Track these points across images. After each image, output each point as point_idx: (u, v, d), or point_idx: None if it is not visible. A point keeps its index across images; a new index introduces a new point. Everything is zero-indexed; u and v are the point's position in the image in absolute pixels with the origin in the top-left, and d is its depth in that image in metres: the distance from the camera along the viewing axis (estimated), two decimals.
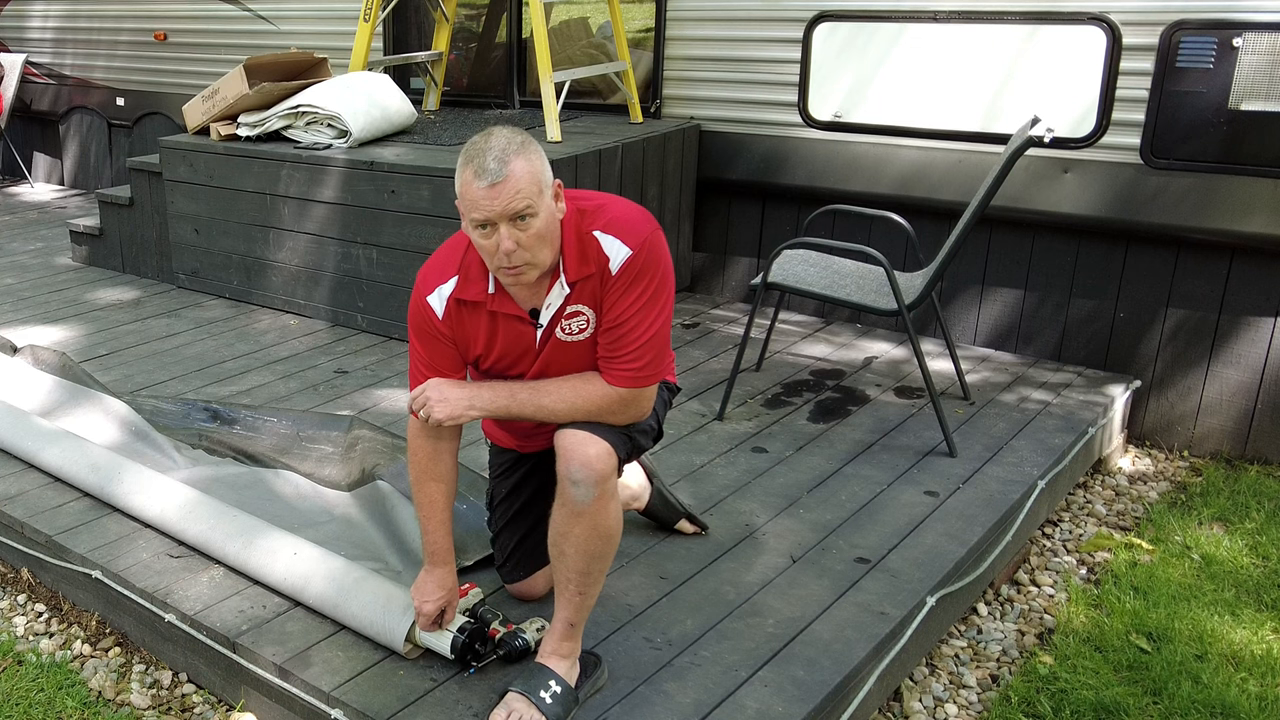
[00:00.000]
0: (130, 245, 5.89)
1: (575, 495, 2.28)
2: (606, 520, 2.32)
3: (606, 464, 2.28)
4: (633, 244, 2.28)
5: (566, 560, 2.36)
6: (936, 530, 3.22)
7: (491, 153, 2.17)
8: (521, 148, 2.19)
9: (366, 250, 4.78)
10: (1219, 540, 3.66)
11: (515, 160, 2.17)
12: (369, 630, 2.65)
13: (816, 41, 4.82)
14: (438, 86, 5.98)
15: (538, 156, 2.22)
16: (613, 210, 2.34)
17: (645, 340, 2.30)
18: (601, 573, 2.39)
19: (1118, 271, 4.42)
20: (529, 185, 2.17)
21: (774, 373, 4.44)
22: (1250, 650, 3.06)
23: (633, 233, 2.29)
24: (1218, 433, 4.33)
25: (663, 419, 2.57)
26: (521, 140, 2.21)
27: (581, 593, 2.38)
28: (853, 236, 4.81)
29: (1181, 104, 4.07)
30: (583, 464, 2.26)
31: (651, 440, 2.52)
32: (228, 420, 3.83)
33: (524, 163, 2.18)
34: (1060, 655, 3.07)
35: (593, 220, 2.31)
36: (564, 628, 2.42)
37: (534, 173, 2.19)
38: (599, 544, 2.33)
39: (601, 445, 2.28)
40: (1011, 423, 3.96)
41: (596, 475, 2.26)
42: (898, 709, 2.89)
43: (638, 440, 2.43)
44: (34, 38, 8.22)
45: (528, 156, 2.19)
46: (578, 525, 2.31)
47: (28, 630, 3.17)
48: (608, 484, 2.29)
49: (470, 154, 2.20)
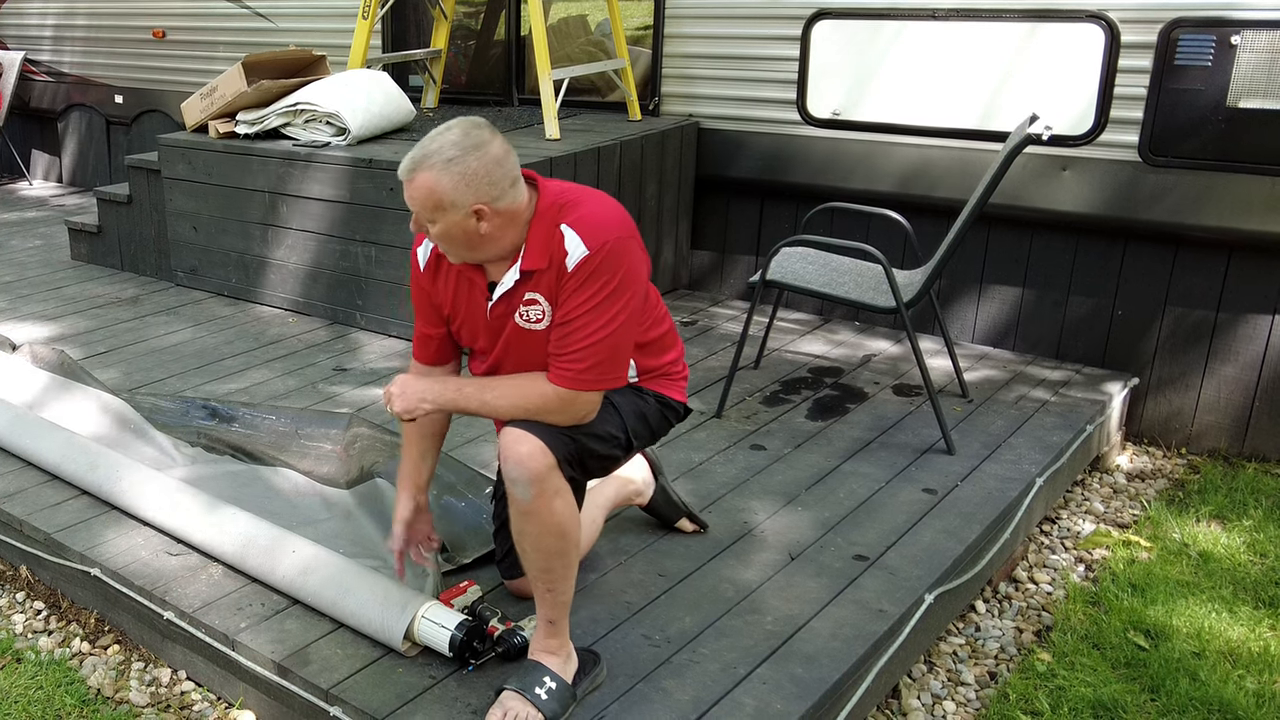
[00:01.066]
0: (129, 243, 5.89)
1: (515, 493, 2.30)
2: (553, 517, 2.31)
3: (540, 462, 2.26)
4: (592, 244, 2.26)
5: (528, 558, 2.38)
6: (935, 528, 3.22)
7: (417, 150, 2.24)
8: (446, 164, 2.21)
9: (365, 248, 4.78)
10: (1216, 537, 3.67)
11: (423, 173, 2.22)
12: (368, 628, 2.65)
13: (815, 39, 4.82)
14: (436, 84, 5.98)
15: (451, 177, 2.21)
16: (587, 207, 2.32)
17: (591, 343, 2.27)
18: (566, 569, 2.39)
19: (1116, 269, 4.42)
20: (424, 199, 2.23)
21: (772, 370, 4.44)
22: (1247, 647, 3.07)
23: (596, 233, 2.27)
24: (1215, 430, 4.33)
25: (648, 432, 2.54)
26: (451, 156, 2.21)
27: (550, 590, 2.39)
28: (851, 234, 4.81)
29: (1180, 102, 4.07)
30: (516, 462, 2.27)
31: (618, 449, 2.47)
32: (226, 418, 3.83)
33: (429, 178, 2.21)
34: (1058, 652, 3.08)
35: (566, 214, 2.31)
36: (545, 625, 2.44)
37: (434, 192, 2.22)
38: (553, 540, 2.34)
39: (533, 443, 2.27)
40: (1010, 420, 3.96)
41: (530, 473, 2.26)
42: (896, 706, 2.89)
43: (586, 444, 2.37)
44: (33, 35, 8.21)
45: (441, 173, 2.21)
46: (528, 524, 2.32)
47: (26, 628, 3.17)
48: (546, 482, 2.28)
49: (425, 138, 2.27)
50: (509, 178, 2.27)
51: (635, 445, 2.53)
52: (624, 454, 2.53)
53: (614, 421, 2.44)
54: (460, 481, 3.31)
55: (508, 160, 2.27)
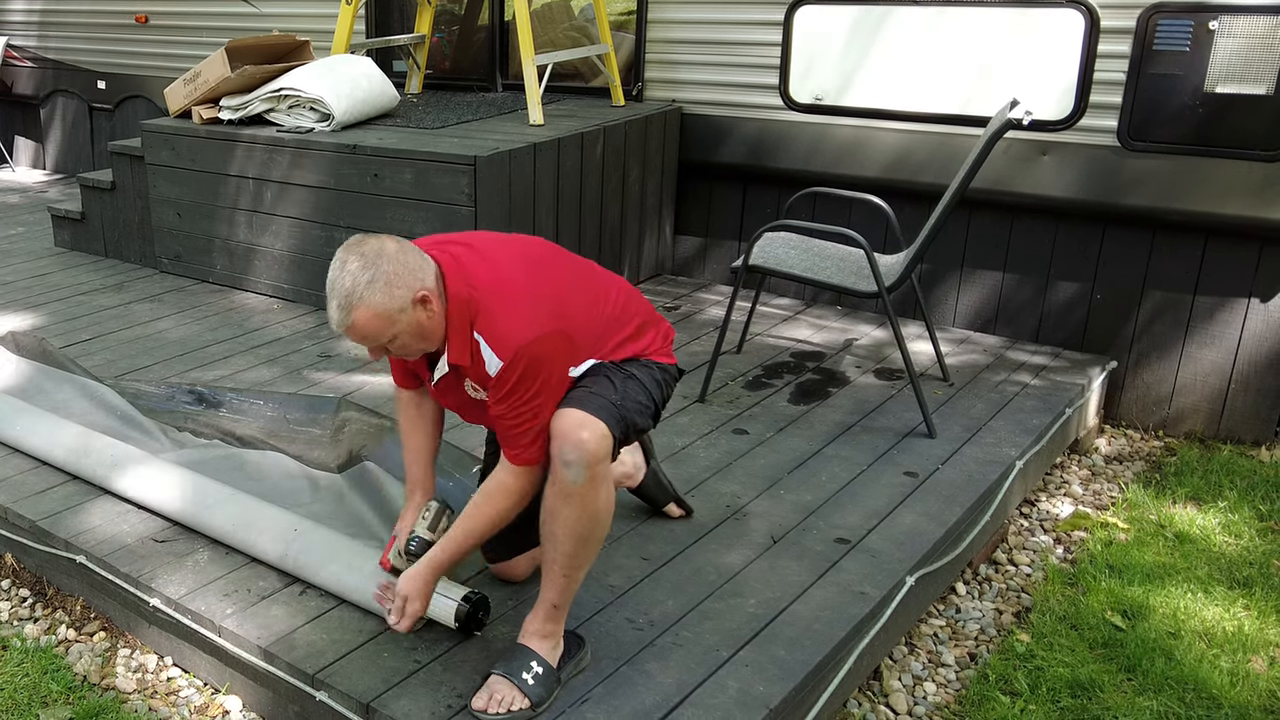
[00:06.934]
0: (112, 229, 5.88)
1: (567, 476, 2.29)
2: (596, 503, 2.33)
3: (602, 446, 2.29)
4: (505, 355, 2.28)
5: (555, 541, 2.37)
6: (916, 510, 3.25)
7: (335, 299, 2.24)
8: (369, 287, 2.21)
9: (350, 234, 4.75)
10: (1193, 519, 3.71)
11: (357, 310, 2.23)
12: (372, 604, 2.67)
13: (798, 24, 4.83)
14: (420, 69, 5.97)
15: (379, 293, 2.22)
16: (495, 310, 2.31)
17: (529, 427, 2.33)
18: (589, 556, 2.41)
19: (1095, 253, 4.46)
20: (375, 328, 2.25)
21: (755, 355, 4.47)
22: (1222, 627, 3.11)
23: (506, 344, 2.28)
24: (1192, 413, 4.38)
25: (663, 399, 2.58)
26: (368, 280, 2.21)
27: (567, 575, 2.41)
28: (834, 219, 4.84)
29: (1158, 87, 4.10)
30: (576, 445, 2.28)
31: (650, 419, 2.53)
32: (213, 403, 3.83)
33: (364, 310, 2.23)
34: (1037, 633, 3.12)
35: (477, 318, 2.32)
36: (547, 609, 2.45)
37: (379, 314, 2.23)
38: (588, 526, 2.35)
39: (598, 428, 2.29)
40: (990, 404, 4.00)
41: (590, 457, 2.28)
42: (877, 688, 2.93)
43: (635, 420, 2.43)
44: (15, 20, 8.16)
45: (370, 297, 2.21)
46: (567, 507, 2.32)
47: (12, 615, 3.19)
48: (600, 466, 2.30)
49: (327, 288, 2.27)
50: (416, 259, 2.29)
51: (660, 412, 2.57)
52: (653, 423, 2.56)
53: (644, 392, 2.48)
54: (448, 461, 3.33)
55: (404, 246, 2.29)
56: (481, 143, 4.54)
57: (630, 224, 5.20)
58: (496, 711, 2.36)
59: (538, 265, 2.43)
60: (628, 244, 5.23)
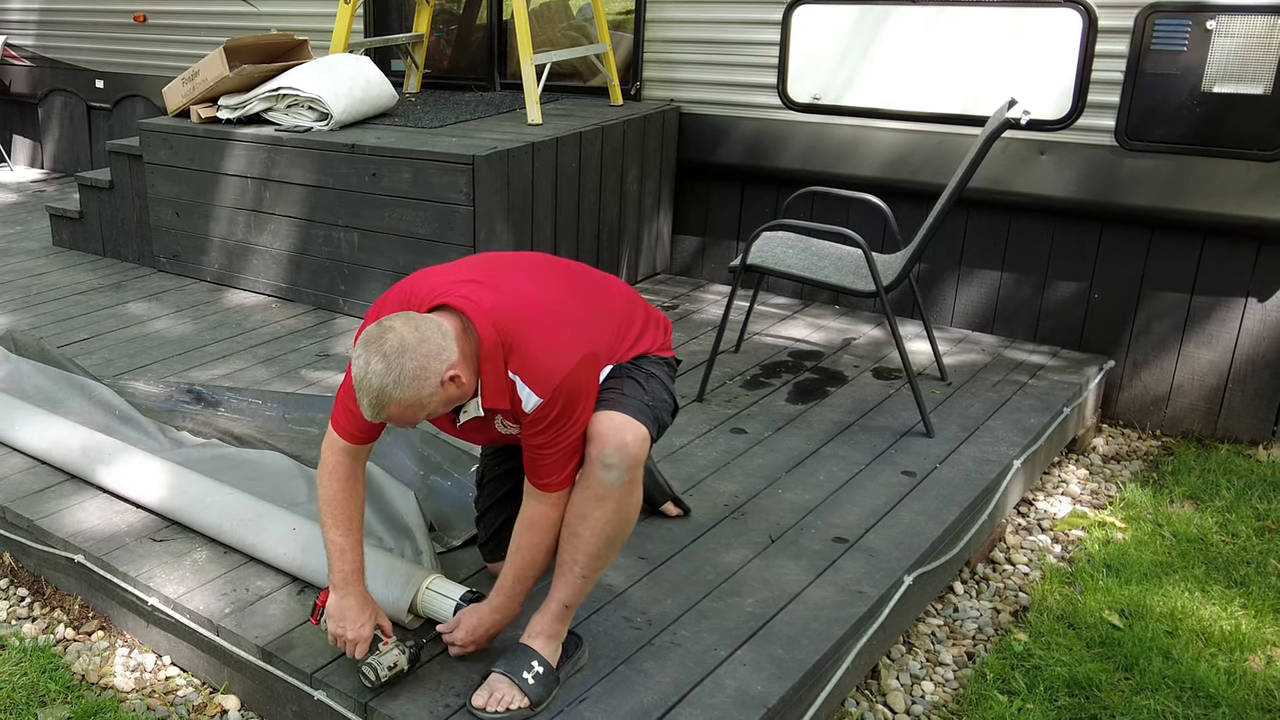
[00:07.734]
0: (110, 228, 5.87)
1: (606, 478, 2.29)
2: (629, 506, 2.35)
3: (642, 449, 2.31)
4: (544, 392, 2.25)
5: (579, 541, 2.37)
6: (913, 510, 3.26)
7: (367, 396, 2.19)
8: (396, 385, 2.16)
9: (348, 233, 4.79)
10: (1190, 518, 3.72)
11: (390, 407, 2.19)
12: None
13: (796, 24, 4.83)
14: (418, 69, 5.97)
15: (407, 389, 2.17)
16: (527, 346, 2.28)
17: (562, 456, 2.32)
18: (610, 559, 2.42)
19: (1093, 253, 4.46)
20: (410, 415, 2.22)
21: (753, 354, 4.47)
22: (1219, 626, 3.12)
23: (544, 381, 2.25)
24: (1189, 412, 4.38)
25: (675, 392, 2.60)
26: (394, 379, 2.15)
27: (585, 576, 2.40)
28: (832, 218, 4.84)
29: (1156, 86, 4.10)
30: (619, 448, 2.28)
31: (670, 415, 2.54)
32: (212, 403, 3.84)
33: (396, 405, 2.19)
34: (1035, 632, 3.12)
35: (512, 357, 2.28)
36: (558, 608, 2.45)
37: (410, 406, 2.19)
38: (618, 528, 2.36)
39: (639, 431, 2.30)
40: (988, 403, 4.00)
41: (631, 460, 2.29)
42: (875, 687, 2.93)
43: (664, 419, 2.46)
44: (13, 19, 8.16)
45: (398, 394, 2.17)
46: (600, 508, 2.32)
47: (10, 614, 3.18)
48: (638, 469, 2.32)
49: (357, 383, 2.21)
50: (436, 339, 2.21)
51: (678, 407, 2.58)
52: (672, 419, 2.56)
53: (665, 389, 2.50)
54: (446, 461, 3.34)
55: (421, 330, 2.21)
56: (480, 142, 4.55)
57: (628, 223, 5.20)
58: (495, 709, 2.37)
59: (549, 285, 2.43)
60: (626, 243, 5.23)
